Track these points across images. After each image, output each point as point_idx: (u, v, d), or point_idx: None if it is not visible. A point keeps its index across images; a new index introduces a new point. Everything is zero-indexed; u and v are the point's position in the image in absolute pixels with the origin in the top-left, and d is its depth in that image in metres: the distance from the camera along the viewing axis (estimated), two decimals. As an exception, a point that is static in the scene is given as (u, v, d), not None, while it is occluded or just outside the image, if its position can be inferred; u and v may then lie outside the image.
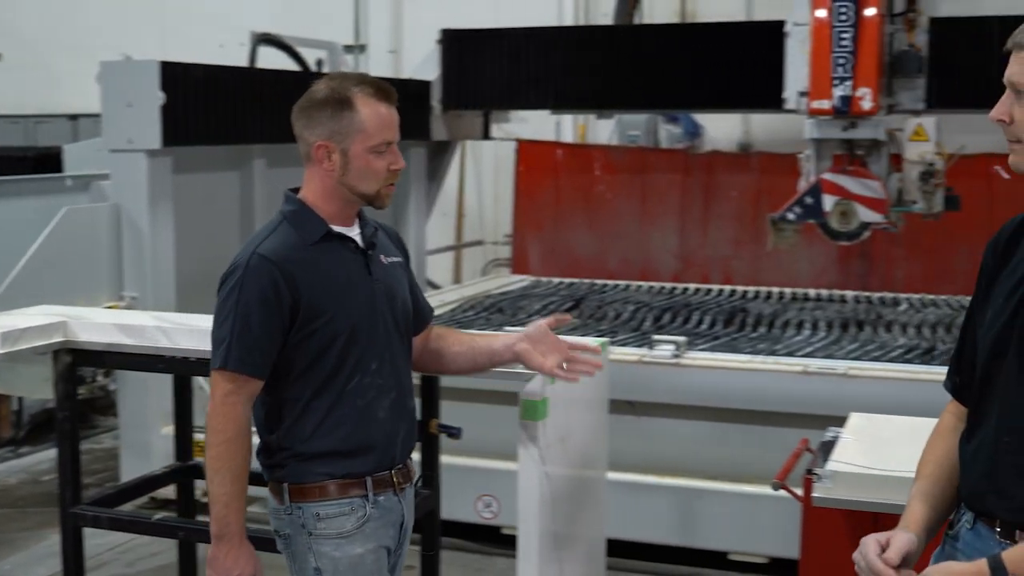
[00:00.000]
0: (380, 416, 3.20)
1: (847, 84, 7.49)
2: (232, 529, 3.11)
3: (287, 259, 3.10)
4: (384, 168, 3.14)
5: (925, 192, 7.75)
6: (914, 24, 7.79)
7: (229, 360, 3.08)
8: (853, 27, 7.42)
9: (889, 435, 3.81)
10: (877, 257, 9.23)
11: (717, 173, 9.56)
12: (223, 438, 3.07)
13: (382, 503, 3.20)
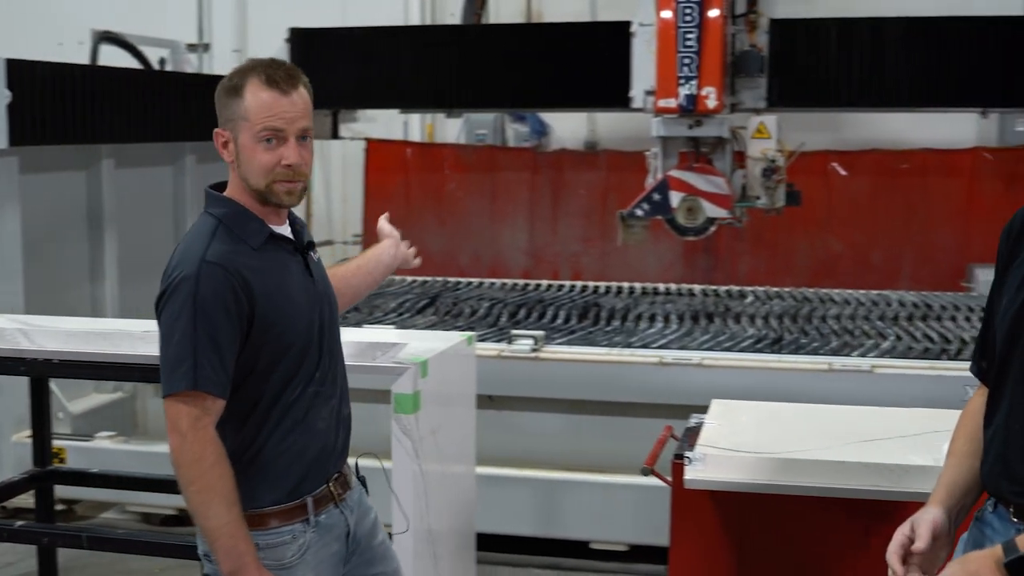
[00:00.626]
0: (320, 427, 3.02)
1: (692, 83, 7.68)
2: (247, 560, 2.83)
3: (241, 266, 2.88)
4: (271, 162, 2.90)
5: (768, 188, 7.99)
6: (755, 25, 8.01)
7: (198, 381, 2.79)
8: (697, 28, 7.60)
9: (751, 420, 3.94)
10: (722, 251, 9.49)
11: (565, 171, 9.71)
12: (207, 465, 2.80)
13: (323, 522, 3.04)
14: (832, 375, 5.61)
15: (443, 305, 7.26)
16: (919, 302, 7.25)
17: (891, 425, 3.85)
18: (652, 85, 7.96)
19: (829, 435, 3.67)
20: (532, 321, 7.01)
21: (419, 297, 7.43)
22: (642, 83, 8.05)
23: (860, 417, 3.98)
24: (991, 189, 9.41)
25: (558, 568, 5.99)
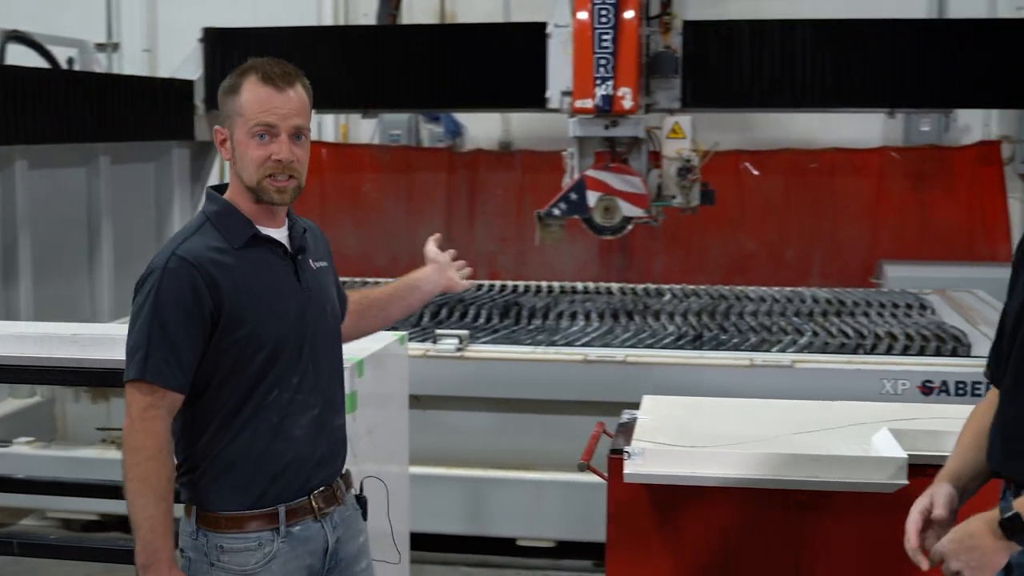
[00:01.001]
0: (296, 434, 2.96)
1: (608, 84, 7.76)
2: (161, 556, 2.80)
3: (209, 261, 2.86)
4: (261, 157, 2.88)
5: (683, 187, 8.10)
6: (669, 27, 8.12)
7: (146, 371, 2.80)
8: (613, 29, 7.68)
9: (683, 415, 4.01)
10: (636, 250, 9.61)
11: (481, 171, 9.77)
12: (144, 456, 2.79)
13: (296, 534, 2.97)
14: (754, 370, 5.72)
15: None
16: (832, 298, 7.40)
17: (818, 417, 3.94)
18: (568, 86, 8.03)
19: (761, 428, 3.75)
20: (454, 321, 7.03)
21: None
22: (558, 84, 8.10)
23: (788, 410, 4.07)
24: (898, 187, 9.66)
25: (487, 566, 6.03)
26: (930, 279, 8.32)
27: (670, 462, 3.37)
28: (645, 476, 3.37)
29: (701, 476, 3.35)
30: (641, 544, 3.75)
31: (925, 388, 5.56)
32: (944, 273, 8.64)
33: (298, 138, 2.95)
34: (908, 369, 5.63)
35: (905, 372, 5.60)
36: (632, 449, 3.37)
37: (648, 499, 3.72)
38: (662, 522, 3.73)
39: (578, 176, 8.16)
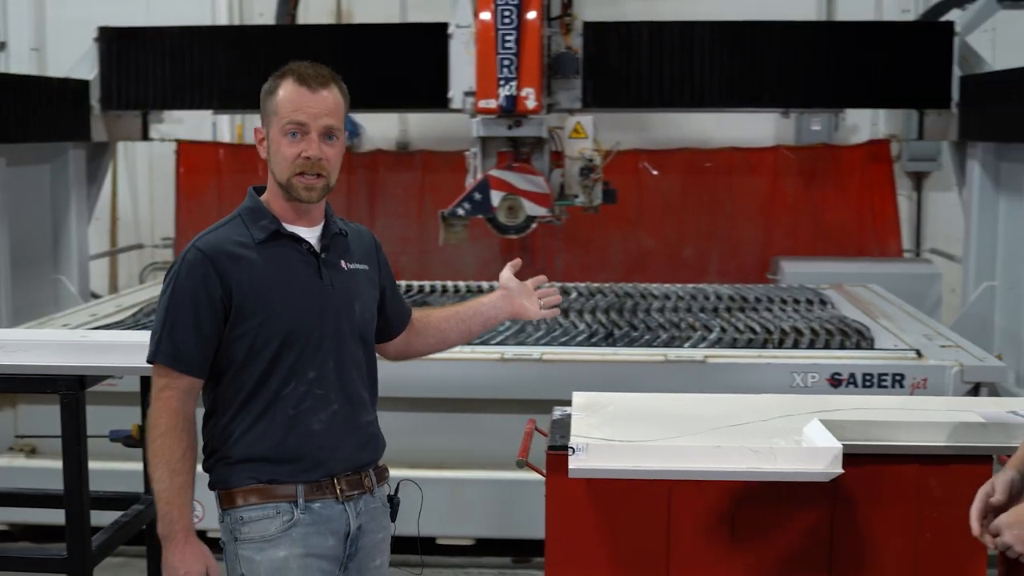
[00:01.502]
0: (315, 428, 3.05)
1: (512, 84, 7.81)
2: (176, 527, 2.95)
3: (225, 254, 2.99)
4: (292, 154, 3.00)
5: (585, 187, 8.20)
6: (570, 27, 8.20)
7: (158, 354, 2.99)
8: (516, 29, 7.74)
9: (616, 410, 4.05)
10: (537, 249, 9.68)
11: (381, 171, 9.75)
12: (157, 432, 2.96)
13: (317, 510, 3.05)
14: (668, 366, 5.81)
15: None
16: (734, 295, 7.54)
17: (746, 410, 4.02)
18: (471, 86, 8.07)
19: (695, 422, 3.82)
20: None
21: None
22: (460, 84, 8.15)
23: (718, 404, 4.15)
24: (792, 186, 9.88)
25: (405, 565, 6.01)
26: (825, 275, 8.55)
27: (615, 457, 3.42)
28: (591, 471, 3.41)
29: (646, 470, 3.40)
30: (580, 538, 3.80)
31: (834, 380, 5.71)
32: (838, 269, 8.87)
33: (329, 138, 3.06)
34: (817, 363, 5.77)
35: (814, 365, 5.74)
36: (577, 445, 3.40)
37: (587, 494, 3.77)
38: (601, 516, 3.78)
39: (481, 176, 8.21)
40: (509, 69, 7.81)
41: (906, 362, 5.79)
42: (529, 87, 7.78)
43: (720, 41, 8.12)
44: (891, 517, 3.76)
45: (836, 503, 3.74)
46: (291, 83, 3.04)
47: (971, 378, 5.68)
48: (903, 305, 7.48)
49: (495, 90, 7.81)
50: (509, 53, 7.81)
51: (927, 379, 5.67)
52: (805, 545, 3.76)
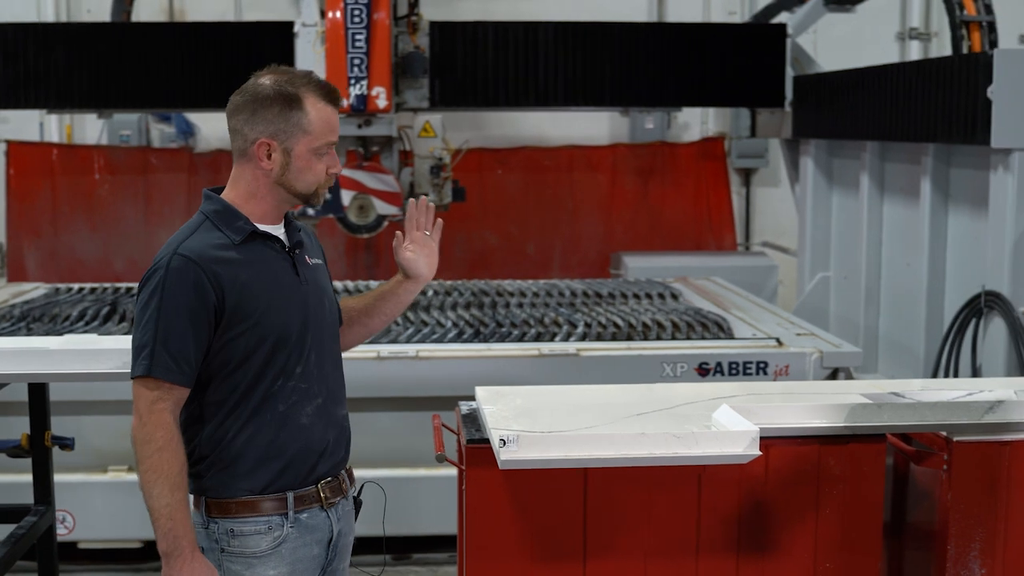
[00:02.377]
0: (303, 422, 3.06)
1: (363, 83, 7.85)
2: (182, 543, 2.90)
3: (212, 259, 2.94)
4: (324, 171, 3.04)
5: (435, 185, 8.29)
6: (416, 27, 8.26)
7: (153, 368, 2.89)
8: (366, 28, 7.77)
9: (523, 403, 4.11)
10: (383, 247, 9.68)
11: (224, 172, 9.52)
12: (154, 448, 2.88)
13: (304, 521, 3.07)
14: (542, 360, 5.92)
15: (130, 312, 7.00)
16: (588, 290, 7.69)
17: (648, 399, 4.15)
18: (317, 84, 8.05)
19: (605, 411, 3.91)
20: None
21: (100, 303, 7.13)
22: (307, 83, 8.10)
23: (620, 394, 4.26)
24: (631, 182, 10.14)
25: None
26: (666, 269, 8.80)
27: (545, 447, 3.49)
28: (523, 462, 3.48)
29: (577, 459, 3.49)
30: (498, 530, 3.86)
31: (702, 370, 5.91)
32: (679, 263, 9.15)
33: None
34: (685, 353, 5.97)
35: (683, 356, 5.94)
36: (507, 436, 3.46)
37: (504, 486, 3.84)
38: (518, 507, 3.85)
39: (331, 175, 8.19)
40: (360, 68, 7.84)
41: (768, 350, 6.03)
42: (380, 86, 7.83)
43: (563, 41, 8.29)
44: (794, 495, 3.94)
45: (743, 484, 3.90)
46: (318, 100, 3.02)
47: (830, 364, 5.96)
48: (749, 296, 7.77)
49: (346, 89, 7.82)
50: (359, 52, 7.83)
51: (789, 366, 5.93)
52: (715, 526, 3.92)
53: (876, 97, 7.20)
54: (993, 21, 7.04)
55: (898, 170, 7.36)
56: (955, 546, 3.97)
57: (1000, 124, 5.71)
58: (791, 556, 3.97)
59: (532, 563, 3.88)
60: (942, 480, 3.99)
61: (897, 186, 7.41)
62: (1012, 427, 3.93)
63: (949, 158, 6.67)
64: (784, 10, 8.99)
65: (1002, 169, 5.85)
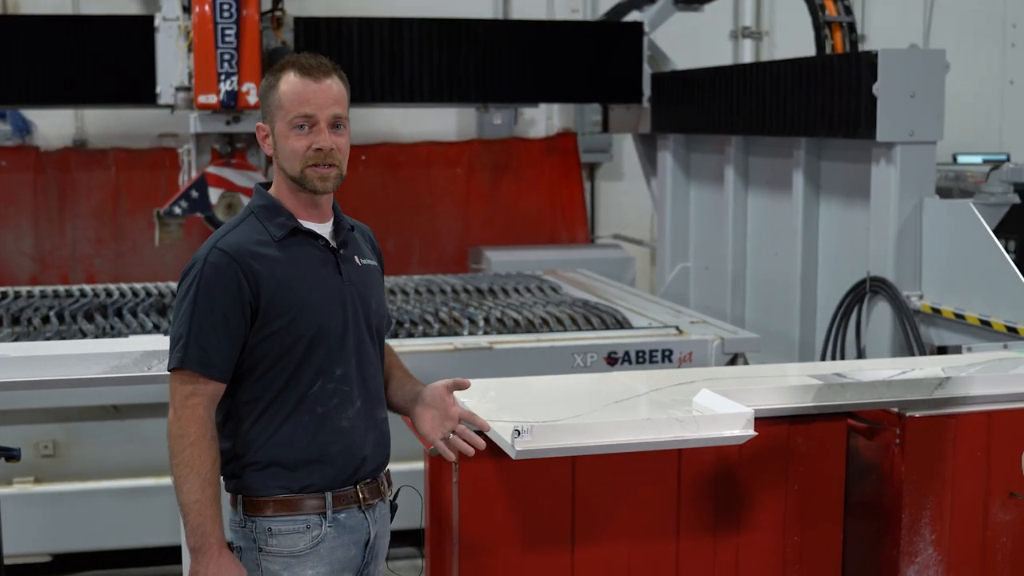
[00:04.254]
0: (343, 425, 3.02)
1: (233, 79, 7.75)
2: (210, 539, 2.87)
3: (249, 254, 2.92)
4: (303, 147, 2.95)
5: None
6: (281, 22, 8.19)
7: (186, 360, 2.88)
8: (236, 24, 7.67)
9: (498, 396, 4.17)
10: (241, 246, 9.54)
11: (72, 171, 9.29)
12: (187, 442, 2.86)
13: (342, 521, 3.03)
14: (457, 354, 5.99)
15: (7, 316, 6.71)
16: (467, 285, 7.75)
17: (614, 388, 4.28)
18: (181, 81, 7.91)
19: (584, 401, 4.01)
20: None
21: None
22: (169, 79, 7.95)
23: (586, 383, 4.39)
24: (486, 178, 10.27)
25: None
26: (528, 262, 8.97)
27: (558, 436, 3.57)
28: (538, 451, 3.54)
29: (590, 446, 3.58)
30: (490, 521, 3.92)
31: (610, 359, 6.08)
32: (540, 256, 9.33)
33: (337, 127, 3.02)
34: (593, 344, 6.13)
35: (591, 347, 6.09)
36: (522, 427, 3.53)
37: (496, 477, 3.91)
38: (510, 497, 3.93)
39: (198, 173, 8.04)
40: (230, 64, 7.73)
41: (671, 338, 6.25)
42: (250, 82, 7.73)
43: (428, 38, 8.34)
44: (765, 474, 4.14)
45: (719, 465, 4.07)
46: (293, 75, 2.98)
47: (730, 349, 6.22)
48: (625, 287, 8.00)
49: (215, 85, 7.70)
50: (229, 48, 7.73)
51: (692, 352, 6.15)
52: (693, 507, 4.08)
53: (743, 94, 7.51)
54: (853, 22, 7.44)
55: (763, 164, 7.70)
56: (908, 515, 4.23)
57: (885, 119, 6.05)
58: (762, 532, 4.16)
59: (523, 552, 3.96)
60: (895, 453, 4.25)
61: (763, 179, 7.74)
62: (958, 401, 4.23)
63: (820, 152, 7.02)
64: (634, 9, 9.25)
65: (884, 161, 6.21)
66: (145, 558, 5.78)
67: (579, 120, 10.78)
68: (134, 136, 9.86)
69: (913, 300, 6.13)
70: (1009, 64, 12.02)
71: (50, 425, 5.75)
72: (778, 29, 11.69)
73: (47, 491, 5.68)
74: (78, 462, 5.79)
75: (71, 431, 5.79)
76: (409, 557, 5.58)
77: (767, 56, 11.62)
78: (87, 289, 7.48)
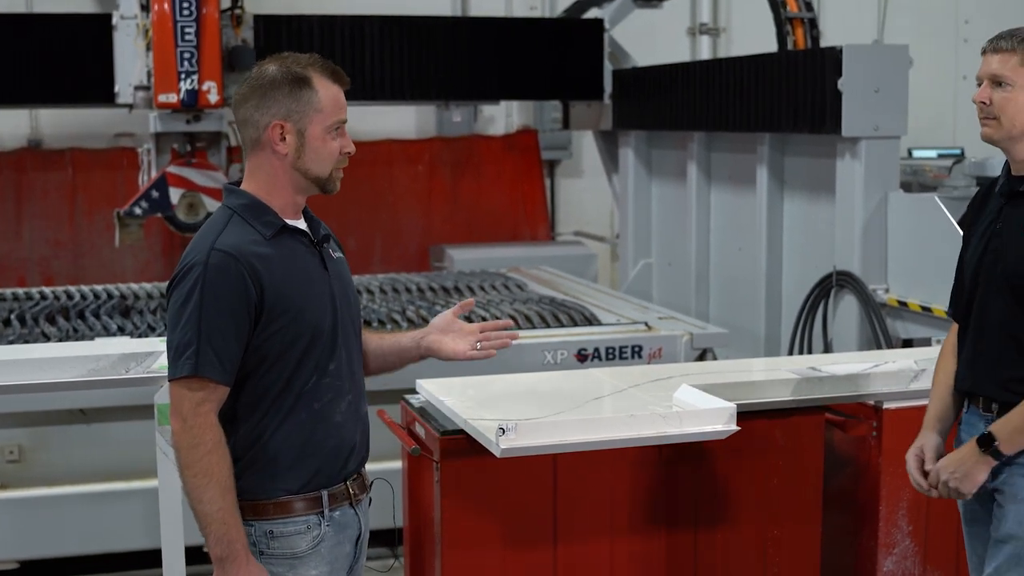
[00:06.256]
0: (336, 420, 3.00)
1: (193, 78, 7.68)
2: (237, 547, 2.83)
3: (250, 254, 2.88)
4: (337, 150, 3.00)
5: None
6: (241, 20, 8.12)
7: (199, 367, 2.80)
8: (196, 22, 7.61)
9: (476, 393, 4.16)
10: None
11: (28, 171, 9.18)
12: (204, 450, 2.81)
13: (337, 519, 3.02)
14: (429, 353, 5.95)
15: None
16: (432, 284, 7.71)
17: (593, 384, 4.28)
18: (140, 79, 7.84)
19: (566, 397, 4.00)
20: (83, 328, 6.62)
21: None
22: (127, 77, 7.88)
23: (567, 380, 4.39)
24: (447, 175, 10.25)
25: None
26: (491, 260, 8.94)
27: (542, 433, 3.57)
28: (524, 449, 3.54)
29: (573, 443, 3.58)
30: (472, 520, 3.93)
31: (580, 356, 6.08)
32: (501, 254, 9.31)
33: None
34: (564, 340, 6.12)
35: (561, 344, 6.09)
36: (506, 425, 3.52)
37: (478, 476, 3.91)
38: (493, 496, 3.93)
39: (158, 173, 7.96)
40: (190, 63, 7.67)
41: (640, 334, 6.25)
42: (210, 81, 7.67)
43: (389, 35, 8.30)
44: (745, 468, 4.16)
45: (700, 460, 4.09)
46: (326, 80, 2.99)
47: (699, 344, 6.23)
48: (590, 284, 8.00)
49: (175, 84, 7.63)
50: (189, 46, 7.66)
51: (662, 348, 6.16)
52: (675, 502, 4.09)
53: (706, 90, 7.54)
54: (814, 18, 7.49)
55: (726, 159, 7.73)
56: (886, 506, 4.28)
57: (850, 114, 6.10)
58: (743, 526, 4.19)
59: (506, 549, 3.97)
60: (871, 446, 4.29)
61: (724, 175, 7.78)
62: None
63: (784, 147, 7.06)
64: (593, 6, 9.26)
65: (849, 156, 6.25)
66: (114, 563, 5.70)
67: (539, 117, 10.78)
68: (90, 136, 9.74)
69: (879, 293, 6.18)
70: (962, 59, 12.14)
71: (15, 430, 5.66)
72: (735, 26, 11.75)
73: (13, 497, 5.59)
74: (45, 467, 5.70)
75: (37, 436, 5.70)
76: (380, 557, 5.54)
77: (724, 53, 11.67)
78: (47, 291, 7.36)
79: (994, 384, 3.31)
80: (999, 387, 3.30)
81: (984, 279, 3.33)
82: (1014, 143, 3.27)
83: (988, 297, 3.31)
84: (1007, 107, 3.23)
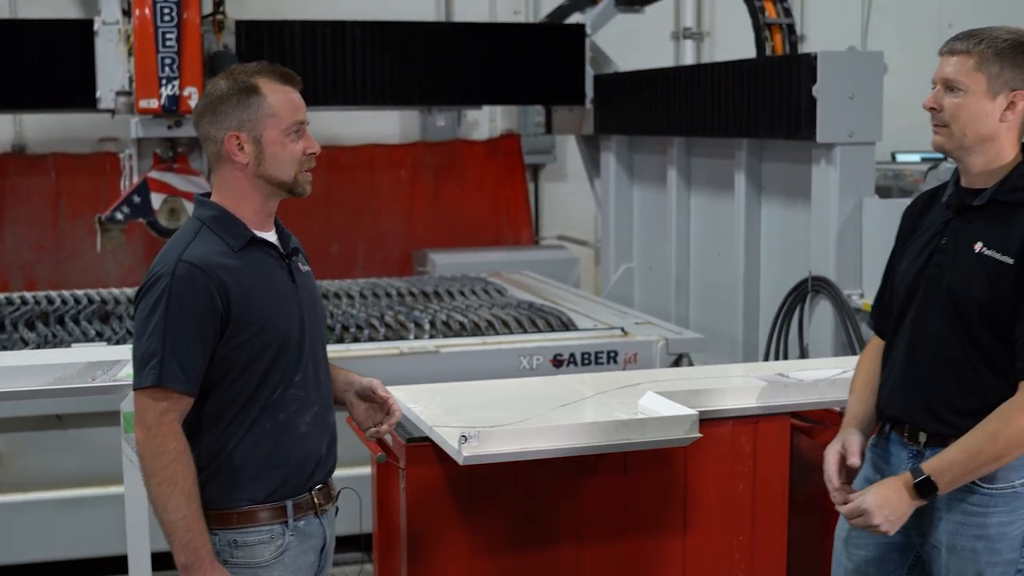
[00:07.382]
0: (302, 431, 3.04)
1: (175, 84, 7.69)
2: (201, 554, 2.87)
3: (217, 266, 2.92)
4: (300, 151, 3.02)
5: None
6: (222, 25, 8.13)
7: (163, 377, 2.85)
8: (177, 27, 7.62)
9: (443, 400, 4.19)
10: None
11: (11, 176, 9.20)
12: (168, 459, 2.85)
13: (302, 528, 3.05)
14: (404, 358, 5.99)
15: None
16: (412, 288, 7.73)
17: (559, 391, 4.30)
18: (122, 85, 7.85)
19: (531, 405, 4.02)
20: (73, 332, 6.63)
21: None
22: (109, 83, 7.89)
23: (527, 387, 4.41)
24: (430, 180, 10.27)
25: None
26: (473, 265, 8.97)
27: (504, 441, 3.59)
28: (484, 456, 3.56)
29: (534, 450, 3.60)
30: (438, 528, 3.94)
31: (556, 361, 6.10)
32: (483, 258, 9.33)
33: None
34: (540, 346, 6.14)
35: (538, 349, 6.11)
36: (469, 432, 3.54)
37: (443, 483, 3.93)
38: (458, 503, 3.95)
39: (140, 178, 7.97)
40: (171, 68, 7.67)
41: (616, 340, 6.28)
42: (192, 86, 7.68)
43: (371, 41, 8.32)
44: (711, 474, 4.18)
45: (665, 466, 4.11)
46: (276, 84, 3.00)
47: (675, 350, 6.26)
48: (570, 289, 8.03)
49: (156, 89, 7.64)
50: (171, 52, 7.67)
51: (637, 353, 6.19)
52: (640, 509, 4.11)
53: (685, 95, 7.56)
54: (793, 24, 7.51)
55: (705, 165, 7.75)
56: (852, 512, 4.28)
57: (824, 120, 6.12)
58: (708, 532, 4.20)
59: (472, 557, 3.98)
60: (837, 452, 4.30)
61: (703, 180, 7.80)
62: (898, 400, 4.28)
63: (761, 153, 7.08)
64: (576, 11, 9.28)
65: (824, 162, 6.27)
66: (89, 569, 5.71)
67: (522, 122, 10.80)
68: (73, 141, 9.76)
69: (854, 299, 6.20)
70: (945, 63, 12.15)
71: (-9, 436, 5.68)
72: (719, 30, 11.78)
73: (-10, 503, 5.61)
74: (20, 472, 5.72)
75: (12, 441, 5.72)
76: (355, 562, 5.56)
77: (708, 57, 11.70)
78: (28, 296, 7.38)
79: (925, 413, 3.12)
80: (930, 416, 3.11)
81: (923, 295, 3.14)
82: (966, 153, 3.06)
83: (926, 315, 3.13)
84: (959, 114, 3.03)
